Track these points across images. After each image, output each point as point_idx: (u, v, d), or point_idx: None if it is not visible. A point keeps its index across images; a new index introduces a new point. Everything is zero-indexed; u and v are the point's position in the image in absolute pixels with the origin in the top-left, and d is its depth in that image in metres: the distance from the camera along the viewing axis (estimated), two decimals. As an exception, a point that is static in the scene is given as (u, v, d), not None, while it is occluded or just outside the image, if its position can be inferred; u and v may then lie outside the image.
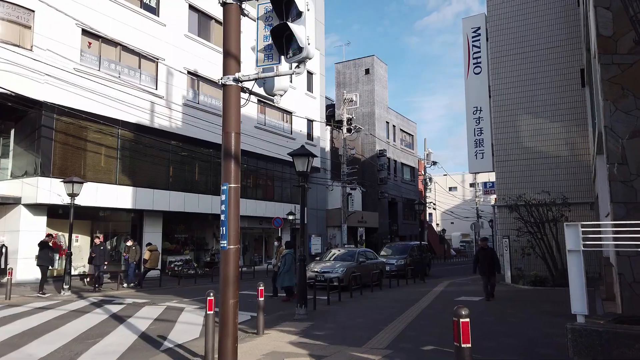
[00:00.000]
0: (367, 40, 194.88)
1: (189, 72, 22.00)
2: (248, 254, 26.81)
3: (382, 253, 24.35)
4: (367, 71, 40.53)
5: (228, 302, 5.55)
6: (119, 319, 9.94)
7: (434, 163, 45.65)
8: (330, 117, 37.54)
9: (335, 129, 35.78)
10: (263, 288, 8.63)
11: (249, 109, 25.35)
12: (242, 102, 5.92)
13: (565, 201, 16.71)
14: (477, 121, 20.63)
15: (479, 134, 20.58)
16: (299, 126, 29.44)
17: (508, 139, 19.76)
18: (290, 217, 24.91)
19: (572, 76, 18.77)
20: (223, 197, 5.72)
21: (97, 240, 16.43)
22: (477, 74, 20.86)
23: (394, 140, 43.16)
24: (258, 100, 25.91)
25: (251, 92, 5.95)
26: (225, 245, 5.60)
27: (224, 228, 5.69)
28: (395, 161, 42.94)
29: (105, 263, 16.20)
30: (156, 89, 20.34)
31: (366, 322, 9.24)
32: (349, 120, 33.33)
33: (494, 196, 20.24)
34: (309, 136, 30.81)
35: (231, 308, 5.55)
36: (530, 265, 18.09)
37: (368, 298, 13.30)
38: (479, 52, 20.84)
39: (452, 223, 62.07)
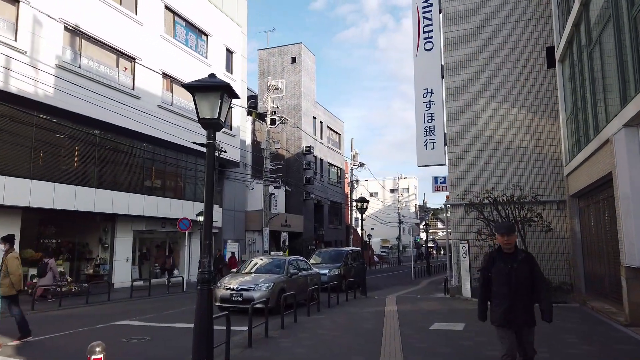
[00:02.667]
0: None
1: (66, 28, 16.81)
2: (146, 265, 21.70)
3: (311, 262, 20.52)
4: (293, 60, 36.82)
5: None
6: None
7: (361, 164, 42.96)
8: (252, 111, 33.28)
9: (257, 120, 31.56)
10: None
11: (151, 83, 20.50)
12: None
13: (537, 198, 13.93)
14: (428, 105, 17.56)
15: (430, 120, 17.51)
16: (215, 111, 24.87)
17: (463, 127, 16.84)
18: (202, 219, 20.23)
19: (538, 55, 16.25)
20: None
21: None
22: (428, 50, 17.83)
23: (321, 138, 39.79)
24: (163, 74, 21.18)
25: None
26: None
27: None
28: (322, 160, 39.54)
29: None
30: (15, 39, 14.97)
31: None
32: (274, 111, 29.31)
33: (445, 193, 17.14)
34: (228, 125, 26.33)
35: None
36: (492, 275, 15.12)
37: (307, 329, 9.31)
38: (431, 24, 17.83)
39: (372, 229, 60.10)
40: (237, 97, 5.49)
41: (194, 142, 6.17)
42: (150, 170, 21.27)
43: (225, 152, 13.77)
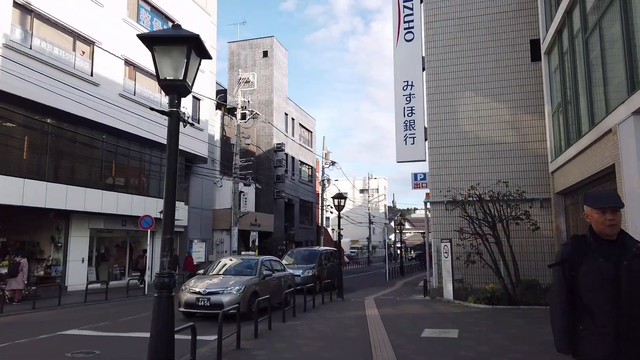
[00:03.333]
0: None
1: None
2: (104, 266, 20.13)
3: (283, 262, 19.47)
4: (265, 54, 35.61)
5: None
6: None
7: (333, 163, 42.21)
8: (222, 104, 31.91)
9: (227, 114, 30.24)
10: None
11: (113, 70, 19.02)
12: None
13: (522, 195, 13.30)
14: (408, 99, 16.79)
15: (410, 114, 16.73)
16: (184, 104, 23.43)
17: (445, 122, 16.14)
18: (166, 216, 18.89)
19: (522, 48, 15.71)
20: None
21: None
22: (409, 41, 17.05)
23: (293, 135, 38.70)
24: (125, 61, 19.71)
25: None
26: None
27: None
28: (293, 158, 38.44)
29: None
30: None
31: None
32: (244, 105, 28.08)
33: (425, 190, 16.40)
34: (195, 118, 24.97)
35: None
36: (474, 277, 14.48)
37: (284, 338, 8.26)
38: (412, 14, 17.06)
39: (341, 229, 59.43)
40: (208, 56, 4.40)
41: (151, 108, 4.97)
42: (110, 164, 19.73)
43: (192, 124, 12.49)
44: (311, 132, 43.93)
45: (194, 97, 24.59)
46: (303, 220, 41.07)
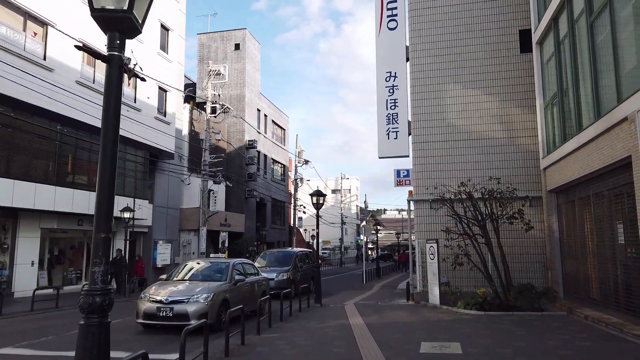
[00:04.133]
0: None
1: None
2: (59, 269, 18.37)
3: (256, 264, 18.20)
4: (237, 46, 34.17)
5: None
6: None
7: (306, 162, 40.99)
8: (191, 95, 30.31)
9: (196, 108, 28.68)
10: None
11: (69, 55, 17.32)
12: None
13: (514, 193, 12.44)
14: (391, 90, 15.79)
15: (393, 107, 15.74)
16: (147, 94, 21.86)
17: (430, 115, 15.21)
18: (126, 215, 17.36)
19: (511, 39, 14.93)
20: None
21: None
22: (392, 29, 16.06)
23: (265, 132, 37.35)
24: (84, 45, 17.95)
25: None
26: None
27: None
28: (265, 156, 37.10)
29: None
30: None
31: None
32: (215, 100, 26.62)
33: (409, 188, 15.43)
34: (161, 110, 23.36)
35: None
36: (461, 280, 13.58)
37: (261, 356, 7.04)
38: (395, 1, 16.08)
39: (313, 230, 58.51)
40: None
41: (77, 47, 3.63)
42: (66, 157, 18.00)
43: (142, 79, 11.54)
44: (284, 129, 42.66)
45: (160, 88, 23.01)
46: (275, 221, 39.78)
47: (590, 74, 9.58)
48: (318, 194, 14.05)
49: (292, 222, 42.34)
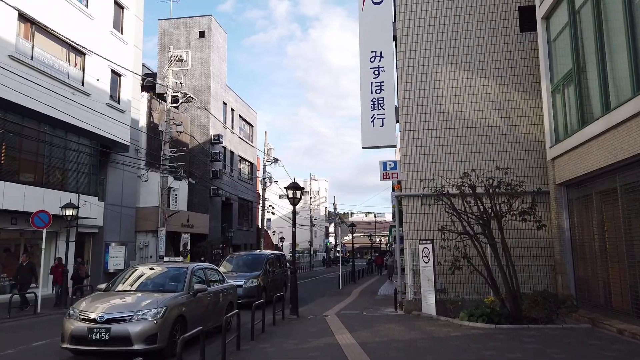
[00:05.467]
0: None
1: None
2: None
3: (221, 269, 16.05)
4: (201, 34, 31.82)
5: None
6: None
7: (275, 160, 38.88)
8: (151, 81, 27.79)
9: (155, 98, 26.19)
10: None
11: (1, 25, 14.76)
12: None
13: (521, 186, 10.80)
14: (376, 72, 14.01)
15: (378, 91, 13.96)
16: (98, 77, 19.35)
17: (419, 100, 13.51)
18: (68, 213, 14.89)
19: (509, 16, 13.40)
20: None
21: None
22: (377, 3, 14.29)
23: (232, 128, 35.06)
24: (20, 15, 15.52)
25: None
26: None
27: None
28: (232, 152, 34.82)
29: None
30: None
31: None
32: (178, 90, 24.27)
33: (396, 181, 13.69)
34: (115, 97, 20.86)
35: None
36: (459, 286, 11.91)
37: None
38: (381, -28, 14.33)
39: (281, 232, 56.41)
40: None
41: None
42: (-4, 145, 15.40)
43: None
44: (252, 125, 40.46)
45: (113, 72, 20.52)
46: (242, 222, 37.52)
47: (628, 40, 8.00)
48: (295, 187, 12.07)
49: (260, 224, 40.08)
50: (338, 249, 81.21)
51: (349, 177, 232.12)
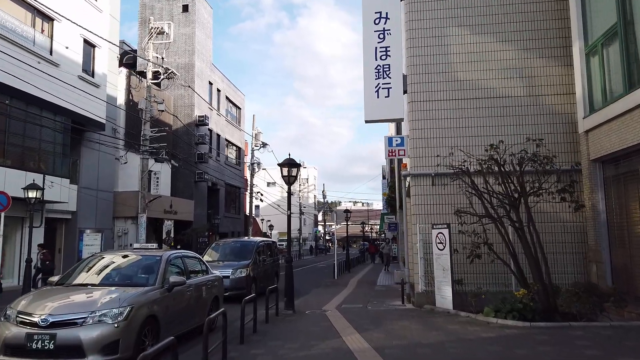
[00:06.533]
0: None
1: None
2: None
3: (206, 258, 14.48)
4: (185, 8, 29.82)
5: None
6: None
7: (264, 145, 37.13)
8: (130, 66, 25.79)
9: (135, 74, 24.26)
10: None
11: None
12: None
13: (552, 160, 9.33)
14: (381, 35, 12.41)
15: (383, 57, 12.37)
16: (68, 45, 17.46)
17: (430, 67, 11.94)
18: (32, 195, 13.10)
19: (533, -29, 11.85)
20: None
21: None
22: (383, -42, 12.66)
23: (219, 109, 33.21)
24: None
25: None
26: None
27: None
28: (219, 136, 33.02)
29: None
30: None
31: None
32: (160, 65, 22.36)
33: (403, 159, 12.21)
34: (88, 70, 18.98)
35: None
36: (478, 276, 10.48)
37: None
38: None
39: (269, 220, 54.87)
40: None
41: None
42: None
43: None
44: (240, 108, 38.60)
45: (86, 42, 18.62)
46: (229, 209, 35.84)
47: None
48: (290, 163, 10.46)
49: (247, 211, 38.39)
50: (333, 237, 79.83)
51: (337, 167, 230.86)
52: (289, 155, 10.62)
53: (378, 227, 63.96)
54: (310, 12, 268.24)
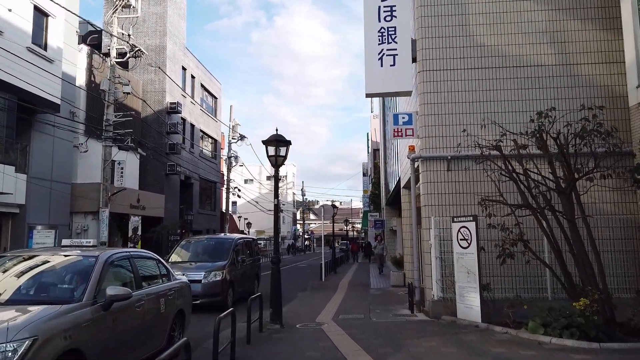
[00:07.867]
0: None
1: None
2: None
3: (174, 259, 12.28)
4: (157, -16, 27.28)
5: None
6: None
7: (242, 137, 34.84)
8: (95, 48, 23.18)
9: (97, 53, 21.70)
10: None
11: None
12: None
13: (612, 137, 7.48)
14: (385, -7, 10.44)
15: (388, 18, 10.39)
16: (13, 8, 14.95)
17: (444, 30, 10.02)
18: (-43, 180, 10.63)
19: None
20: None
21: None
22: None
23: (193, 97, 30.76)
24: None
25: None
26: None
27: None
28: (193, 126, 30.56)
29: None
30: None
31: None
32: (124, 39, 19.90)
33: (408, 141, 10.18)
34: (40, 42, 16.46)
35: None
36: (507, 280, 8.59)
37: None
38: None
39: (246, 219, 52.57)
40: None
41: None
42: None
43: None
44: (216, 98, 36.18)
45: (37, 9, 16.10)
46: (204, 205, 33.43)
47: None
48: (278, 140, 8.32)
49: (224, 208, 36.02)
50: (312, 235, 77.56)
51: (316, 166, 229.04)
52: (277, 130, 8.47)
53: (360, 225, 62.16)
54: (288, 11, 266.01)
